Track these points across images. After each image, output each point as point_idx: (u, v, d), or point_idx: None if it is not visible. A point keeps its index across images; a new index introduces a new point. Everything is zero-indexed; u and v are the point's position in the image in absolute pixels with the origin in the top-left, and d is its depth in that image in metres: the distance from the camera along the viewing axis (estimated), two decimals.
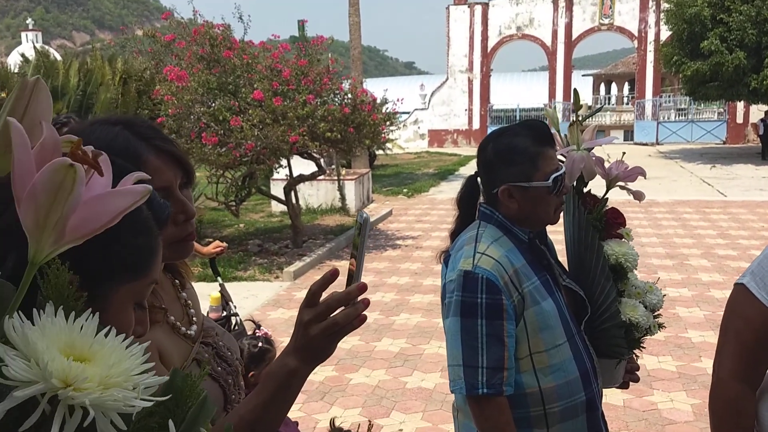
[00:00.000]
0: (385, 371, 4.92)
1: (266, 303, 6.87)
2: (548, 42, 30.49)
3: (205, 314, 3.97)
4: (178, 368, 0.67)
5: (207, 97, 7.99)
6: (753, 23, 18.32)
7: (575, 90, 1.83)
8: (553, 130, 1.84)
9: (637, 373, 1.79)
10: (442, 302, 1.65)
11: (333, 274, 0.93)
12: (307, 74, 8.40)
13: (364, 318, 0.92)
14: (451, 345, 1.58)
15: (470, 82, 31.47)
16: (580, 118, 1.77)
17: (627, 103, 34.34)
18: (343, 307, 0.93)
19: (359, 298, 0.93)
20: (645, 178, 1.76)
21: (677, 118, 29.91)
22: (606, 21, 29.45)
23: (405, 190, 15.60)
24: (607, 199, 1.78)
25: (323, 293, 0.94)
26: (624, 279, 1.65)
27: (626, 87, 37.36)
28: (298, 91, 8.21)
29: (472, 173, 1.75)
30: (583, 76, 45.69)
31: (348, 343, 5.53)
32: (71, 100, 8.86)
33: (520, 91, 39.27)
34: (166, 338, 1.03)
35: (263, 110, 7.79)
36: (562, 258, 1.79)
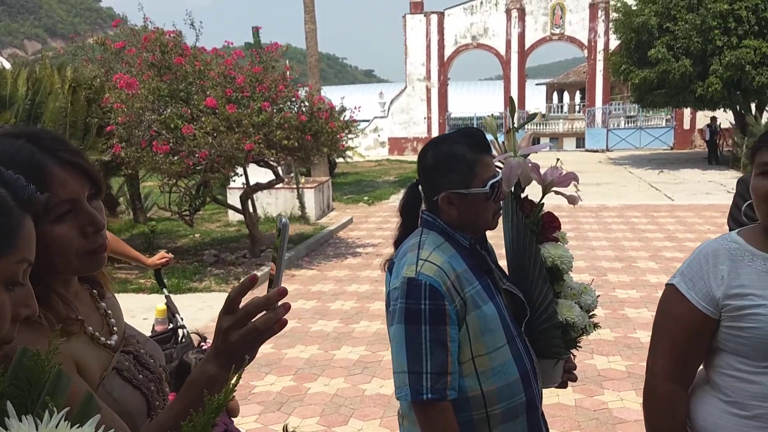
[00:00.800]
0: (344, 379, 4.93)
1: None
2: (502, 51, 31.02)
3: (152, 327, 3.89)
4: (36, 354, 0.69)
5: (158, 105, 7.89)
6: (698, 31, 18.96)
7: (511, 98, 1.89)
8: (491, 138, 1.90)
9: (574, 372, 1.85)
10: (387, 310, 1.67)
11: (251, 280, 0.96)
12: (262, 81, 8.37)
13: (285, 322, 0.94)
14: (396, 352, 1.59)
15: (428, 90, 31.78)
16: (516, 126, 1.83)
17: (579, 111, 35.14)
18: (264, 312, 0.94)
19: (279, 303, 0.94)
20: (578, 183, 1.83)
21: (626, 125, 30.75)
22: (557, 31, 30.12)
23: (365, 198, 15.65)
24: (543, 204, 1.85)
25: (242, 299, 0.95)
26: (560, 281, 1.71)
27: (578, 95, 38.23)
28: (252, 98, 8.17)
29: (413, 181, 1.79)
30: (536, 84, 46.54)
31: (307, 352, 5.53)
32: (20, 109, 8.63)
33: (477, 100, 39.85)
34: (84, 349, 1.03)
35: (216, 118, 7.73)
36: (503, 262, 1.85)
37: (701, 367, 1.63)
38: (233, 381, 0.87)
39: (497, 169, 1.74)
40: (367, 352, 5.49)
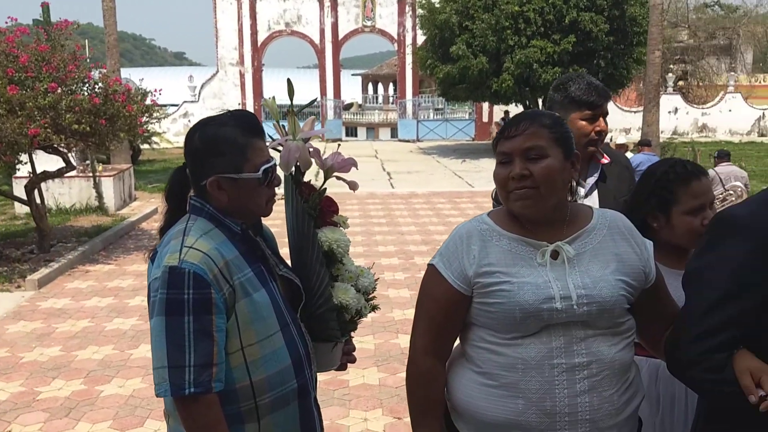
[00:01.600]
0: (141, 379, 4.64)
1: (5, 316, 6.09)
2: (317, 40, 31.15)
3: None
4: None
5: None
6: (493, 31, 20.50)
7: (289, 80, 1.87)
8: (273, 122, 1.87)
9: (354, 353, 1.89)
10: (148, 302, 1.57)
11: None
12: (50, 61, 7.59)
13: None
14: (155, 346, 1.50)
15: (242, 75, 31.01)
16: (296, 110, 1.82)
17: (392, 103, 36.47)
18: None
19: None
20: (357, 168, 1.86)
21: (435, 117, 32.47)
22: (369, 23, 30.90)
23: None
24: (326, 189, 1.85)
25: None
26: (336, 264, 1.73)
27: (391, 87, 39.64)
28: (38, 78, 7.39)
29: (180, 165, 1.70)
30: (352, 75, 47.50)
31: (100, 353, 5.13)
32: None
33: (295, 87, 39.50)
34: None
35: None
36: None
37: (458, 341, 1.74)
38: None
39: (271, 155, 1.71)
40: None
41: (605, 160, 2.56)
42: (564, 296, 1.55)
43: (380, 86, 44.82)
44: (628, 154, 9.40)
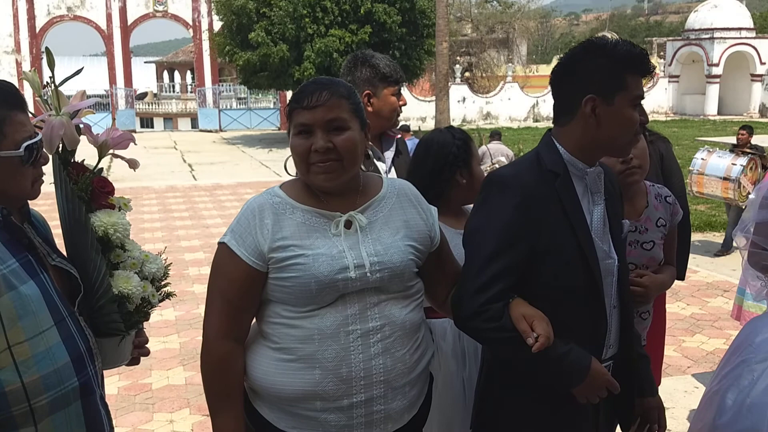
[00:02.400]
0: None
1: None
2: (103, 26, 28.92)
3: None
4: None
5: None
6: (292, 18, 20.44)
7: (47, 48, 1.66)
8: (37, 99, 1.64)
9: (147, 347, 1.74)
10: None
11: None
12: None
13: None
14: None
15: (19, 64, 27.88)
16: (58, 82, 1.61)
17: (191, 92, 35.00)
18: None
19: None
20: (135, 144, 1.71)
21: (238, 106, 31.72)
22: (160, 8, 29.25)
23: None
24: (102, 168, 1.67)
25: None
26: (114, 250, 1.57)
27: (189, 75, 38.01)
28: None
29: None
30: (145, 63, 44.80)
31: None
32: None
33: (81, 76, 36.19)
34: None
35: None
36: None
37: (254, 321, 1.68)
38: None
39: (36, 131, 1.51)
40: None
41: (397, 135, 2.64)
42: (358, 265, 1.56)
43: (177, 74, 42.81)
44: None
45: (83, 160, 1.70)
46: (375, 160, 2.45)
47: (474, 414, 1.86)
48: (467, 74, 34.45)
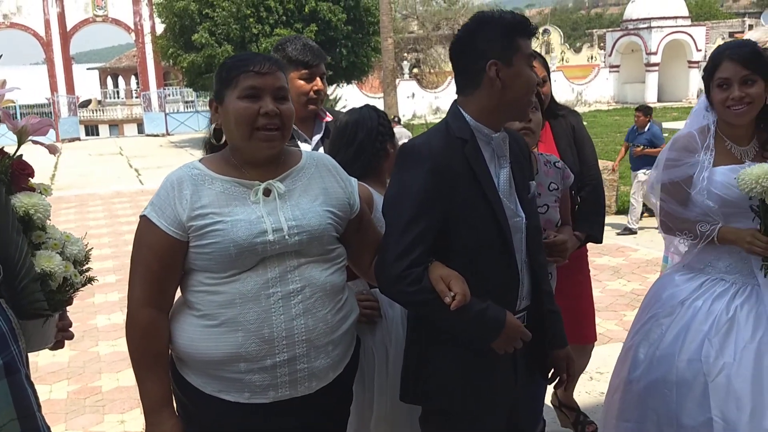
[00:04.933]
0: None
1: None
2: (42, 32, 28.06)
3: None
4: None
5: None
6: (235, 19, 20.23)
7: None
8: None
9: (70, 330, 1.76)
10: None
11: None
12: None
13: None
14: None
15: None
16: None
17: (136, 97, 34.31)
18: None
19: None
20: (54, 129, 1.74)
21: (185, 109, 31.23)
22: (101, 13, 28.56)
23: None
24: (21, 154, 1.70)
25: None
26: (36, 231, 1.60)
27: (133, 80, 37.28)
28: None
29: None
30: (88, 69, 43.73)
31: None
32: None
33: (22, 86, 35.16)
34: None
35: None
36: None
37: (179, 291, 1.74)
38: None
39: None
40: None
41: (329, 118, 2.70)
42: (276, 228, 1.62)
43: (121, 80, 41.93)
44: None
45: (2, 146, 1.72)
46: (300, 142, 2.51)
47: (402, 378, 1.92)
48: (415, 70, 34.71)
